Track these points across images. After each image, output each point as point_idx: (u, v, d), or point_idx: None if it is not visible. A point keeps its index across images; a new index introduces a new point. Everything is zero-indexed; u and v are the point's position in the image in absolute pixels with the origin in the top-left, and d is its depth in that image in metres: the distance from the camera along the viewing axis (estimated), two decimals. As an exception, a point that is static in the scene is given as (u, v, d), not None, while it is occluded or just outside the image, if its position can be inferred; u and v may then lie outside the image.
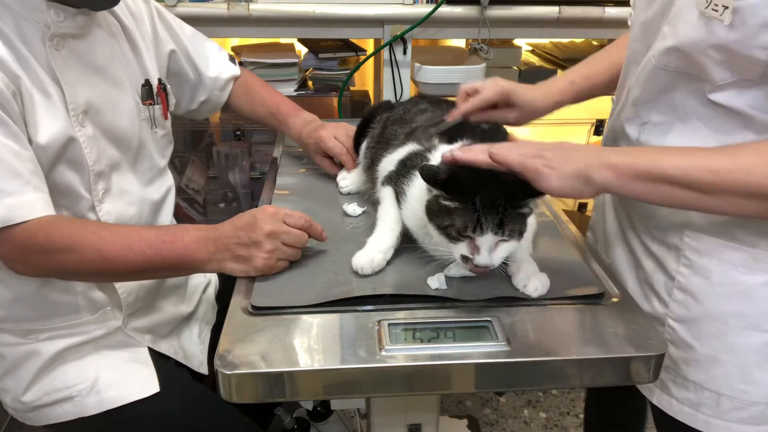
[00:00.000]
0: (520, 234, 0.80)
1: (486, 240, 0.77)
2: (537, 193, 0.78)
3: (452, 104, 1.13)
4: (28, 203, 0.84)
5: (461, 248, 0.79)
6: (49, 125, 0.89)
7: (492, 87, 1.02)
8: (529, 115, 1.04)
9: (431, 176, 0.79)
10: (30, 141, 0.88)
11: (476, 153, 0.80)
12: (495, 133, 1.02)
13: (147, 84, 1.10)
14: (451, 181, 0.78)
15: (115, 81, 1.03)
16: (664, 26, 0.80)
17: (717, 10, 0.71)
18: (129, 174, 1.06)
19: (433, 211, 0.81)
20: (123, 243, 0.88)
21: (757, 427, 0.87)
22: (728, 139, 0.78)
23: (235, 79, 1.31)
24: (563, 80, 1.07)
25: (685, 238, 0.86)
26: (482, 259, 0.78)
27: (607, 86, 1.05)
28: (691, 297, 0.87)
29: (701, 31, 0.73)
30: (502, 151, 0.78)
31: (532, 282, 0.83)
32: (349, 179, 1.16)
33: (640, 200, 0.83)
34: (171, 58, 1.19)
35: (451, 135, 0.95)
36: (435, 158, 0.91)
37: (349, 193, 1.15)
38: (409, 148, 0.98)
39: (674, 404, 0.92)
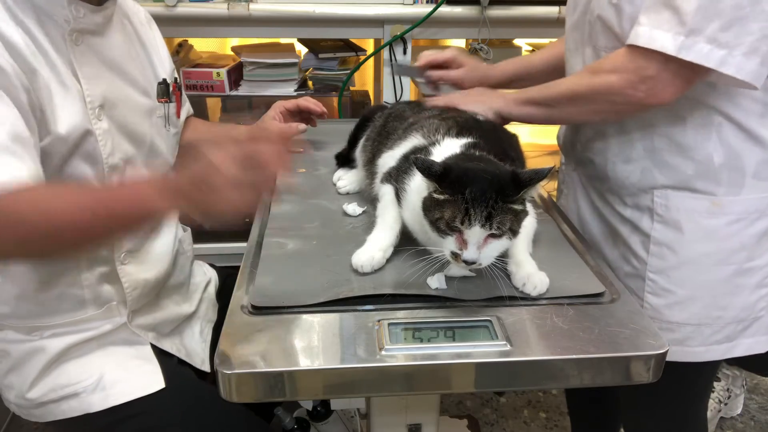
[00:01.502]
0: (512, 232, 0.79)
1: (473, 233, 0.77)
2: (526, 184, 0.78)
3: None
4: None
5: (450, 243, 0.79)
6: (67, 117, 0.90)
7: (449, 50, 1.30)
8: (474, 75, 1.26)
9: (425, 168, 0.79)
10: (49, 131, 0.88)
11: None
12: (496, 130, 1.04)
13: (164, 82, 1.14)
14: (445, 174, 0.78)
15: (129, 78, 1.05)
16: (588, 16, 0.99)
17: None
18: (142, 170, 1.08)
19: (427, 206, 0.81)
20: (67, 198, 0.77)
21: (729, 343, 1.03)
22: None
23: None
24: (507, 60, 1.33)
25: (655, 198, 1.00)
26: (469, 254, 0.77)
27: (545, 72, 1.24)
28: (667, 248, 1.00)
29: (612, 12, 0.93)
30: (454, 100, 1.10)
31: (532, 281, 0.83)
32: (346, 179, 1.16)
33: (522, 120, 1.08)
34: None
35: (458, 130, 0.96)
36: (438, 153, 0.91)
37: (347, 193, 1.15)
38: (412, 142, 0.98)
39: None
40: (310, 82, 2.00)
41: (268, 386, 0.72)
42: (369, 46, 2.07)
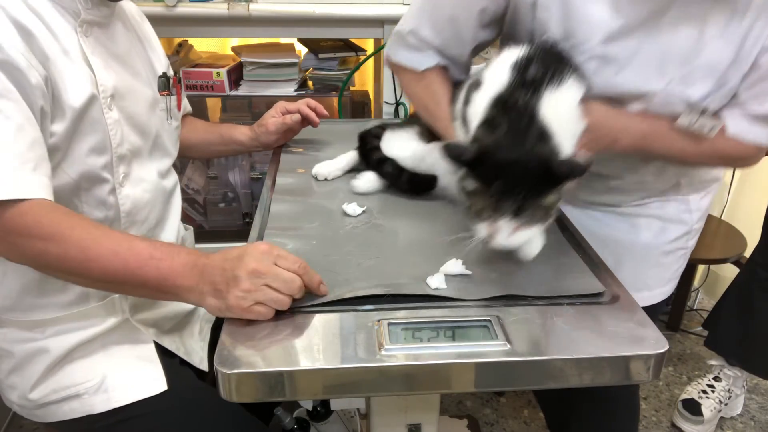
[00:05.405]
0: (544, 219, 0.79)
1: (503, 225, 0.78)
2: (560, 180, 0.77)
3: None
4: (25, 182, 0.82)
5: (482, 228, 0.81)
6: (81, 106, 0.92)
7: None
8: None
9: (456, 155, 0.78)
10: (64, 118, 0.90)
11: None
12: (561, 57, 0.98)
13: (164, 76, 1.15)
14: (476, 162, 0.77)
15: (134, 71, 1.07)
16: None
17: (703, 127, 0.95)
18: (147, 163, 1.09)
19: (462, 188, 0.82)
20: (110, 246, 0.82)
21: None
22: None
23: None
24: None
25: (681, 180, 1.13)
26: (499, 242, 0.79)
27: None
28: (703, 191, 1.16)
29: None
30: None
31: (527, 245, 0.85)
32: (366, 177, 1.14)
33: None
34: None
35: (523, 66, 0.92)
36: (487, 75, 0.90)
37: (364, 193, 1.13)
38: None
39: None
40: (310, 82, 2.00)
41: (268, 386, 0.72)
42: (369, 46, 2.07)
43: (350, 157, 1.21)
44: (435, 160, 1.06)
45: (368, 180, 1.14)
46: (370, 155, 1.16)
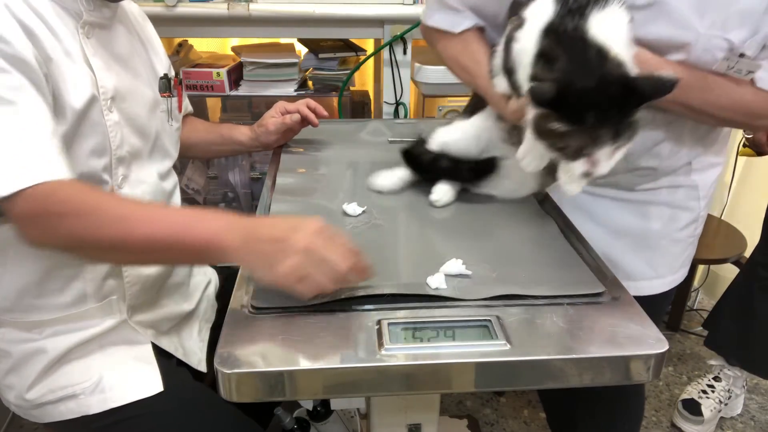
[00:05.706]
0: (633, 135, 0.80)
1: (603, 153, 0.79)
2: (647, 98, 0.78)
3: None
4: (52, 164, 0.81)
5: (578, 166, 0.82)
6: (82, 107, 0.92)
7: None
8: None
9: (539, 97, 0.78)
10: (65, 120, 0.90)
11: None
12: None
13: (165, 77, 1.16)
14: (560, 100, 0.77)
15: (135, 72, 1.07)
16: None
17: (740, 72, 0.94)
18: (147, 164, 1.09)
19: (543, 131, 0.81)
20: (146, 213, 0.80)
21: None
22: None
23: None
24: None
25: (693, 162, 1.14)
26: (603, 169, 0.81)
27: None
28: (708, 174, 1.17)
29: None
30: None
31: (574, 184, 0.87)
32: (441, 190, 1.10)
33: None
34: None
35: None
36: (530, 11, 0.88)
37: (443, 206, 1.09)
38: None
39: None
40: (310, 82, 2.00)
41: (268, 386, 0.72)
42: (369, 46, 2.07)
43: (407, 171, 1.15)
44: (491, 132, 1.05)
45: (444, 192, 1.10)
46: (420, 159, 1.12)
